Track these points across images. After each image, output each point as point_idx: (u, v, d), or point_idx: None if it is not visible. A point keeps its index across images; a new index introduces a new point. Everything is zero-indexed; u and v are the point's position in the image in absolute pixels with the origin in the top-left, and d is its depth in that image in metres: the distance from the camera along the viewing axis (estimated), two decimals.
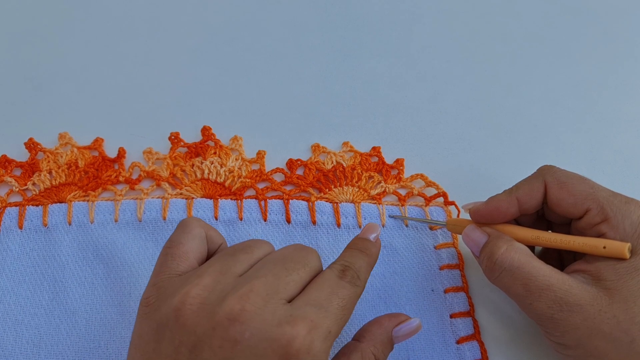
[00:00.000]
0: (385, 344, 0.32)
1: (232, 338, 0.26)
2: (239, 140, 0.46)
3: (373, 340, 0.32)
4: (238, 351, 0.26)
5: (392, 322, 0.33)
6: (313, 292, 0.29)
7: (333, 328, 0.28)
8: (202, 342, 0.26)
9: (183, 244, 0.31)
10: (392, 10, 0.55)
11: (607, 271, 0.32)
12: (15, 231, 0.41)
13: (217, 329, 0.26)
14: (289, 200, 0.43)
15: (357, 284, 0.30)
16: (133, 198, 0.42)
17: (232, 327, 0.26)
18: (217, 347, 0.26)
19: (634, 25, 0.54)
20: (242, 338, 0.26)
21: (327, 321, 0.28)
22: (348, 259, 0.32)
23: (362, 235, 0.35)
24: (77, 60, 0.50)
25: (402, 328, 0.33)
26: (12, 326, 0.37)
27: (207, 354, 0.26)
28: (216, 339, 0.26)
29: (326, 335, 0.27)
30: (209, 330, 0.26)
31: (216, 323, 0.26)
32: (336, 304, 0.29)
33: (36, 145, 0.45)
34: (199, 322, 0.27)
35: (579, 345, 0.31)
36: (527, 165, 0.38)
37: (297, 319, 0.27)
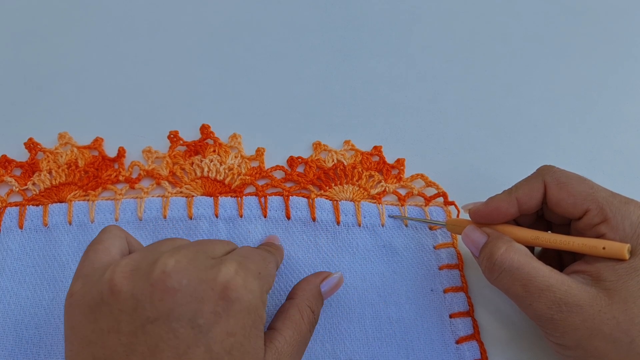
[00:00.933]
0: (317, 298, 0.35)
1: (171, 288, 0.27)
2: (238, 138, 0.46)
3: (306, 295, 0.35)
4: (179, 298, 0.27)
5: (319, 278, 0.37)
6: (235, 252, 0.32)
7: (262, 271, 0.31)
8: (141, 302, 0.27)
9: (104, 241, 0.32)
10: (392, 10, 0.55)
11: (606, 272, 0.32)
12: (15, 231, 0.41)
13: (155, 285, 0.27)
14: (289, 196, 0.43)
15: (271, 252, 0.35)
16: (133, 197, 0.42)
17: (169, 279, 0.27)
18: (158, 300, 0.27)
19: (634, 25, 0.54)
20: (181, 286, 0.27)
21: (253, 265, 0.30)
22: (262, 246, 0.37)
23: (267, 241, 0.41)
24: (77, 60, 0.50)
25: (328, 282, 0.37)
26: (12, 326, 0.38)
27: (149, 311, 0.27)
28: (156, 294, 0.27)
29: (256, 274, 0.30)
30: (147, 289, 0.27)
31: (153, 280, 0.27)
32: (257, 256, 0.32)
33: (36, 145, 0.45)
34: (134, 285, 0.27)
35: (579, 346, 0.31)
36: (527, 165, 0.38)
37: (225, 261, 0.29)
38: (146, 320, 0.27)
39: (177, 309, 0.27)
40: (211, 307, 0.27)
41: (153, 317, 0.27)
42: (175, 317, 0.27)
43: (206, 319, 0.27)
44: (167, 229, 0.41)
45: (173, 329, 0.27)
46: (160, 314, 0.27)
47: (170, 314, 0.27)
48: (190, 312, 0.27)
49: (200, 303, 0.27)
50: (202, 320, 0.27)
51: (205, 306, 0.27)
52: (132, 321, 0.27)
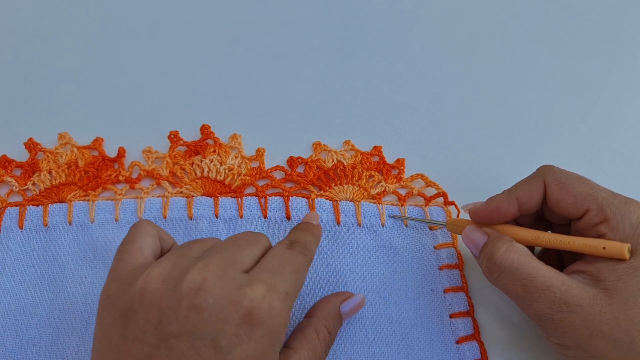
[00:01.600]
0: (335, 319, 0.35)
1: (197, 306, 0.27)
2: (238, 139, 0.46)
3: (324, 315, 0.34)
4: (204, 318, 0.27)
5: (339, 298, 0.36)
6: (267, 262, 0.31)
7: (289, 290, 0.30)
8: (167, 315, 0.27)
9: (137, 240, 0.32)
10: (392, 10, 0.55)
11: (606, 272, 0.32)
12: (15, 231, 0.41)
13: (182, 300, 0.27)
14: (289, 197, 0.43)
15: (305, 253, 0.33)
16: (133, 197, 0.42)
17: (196, 296, 0.27)
18: (183, 317, 0.27)
19: (634, 25, 0.54)
20: (207, 305, 0.27)
21: (282, 284, 0.30)
22: (294, 235, 0.35)
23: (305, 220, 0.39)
24: (77, 60, 0.50)
25: (349, 303, 0.36)
26: (12, 326, 0.38)
27: (173, 326, 0.27)
28: (182, 310, 0.27)
29: (284, 296, 0.29)
30: (174, 303, 0.27)
31: (180, 295, 0.27)
32: (288, 269, 0.31)
33: (36, 145, 0.45)
34: (163, 297, 0.28)
35: (579, 346, 0.31)
36: (527, 165, 0.38)
37: (255, 282, 0.29)
38: (170, 334, 0.27)
39: (201, 327, 0.27)
40: (234, 329, 0.27)
41: (177, 333, 0.27)
42: (199, 335, 0.27)
43: (228, 340, 0.27)
44: (167, 229, 0.41)
45: (195, 346, 0.27)
46: (184, 330, 0.27)
47: (194, 331, 0.27)
48: (213, 332, 0.27)
49: (224, 324, 0.27)
50: (224, 342, 0.27)
51: (229, 327, 0.27)
52: (157, 333, 0.27)
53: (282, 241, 0.34)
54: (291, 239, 0.34)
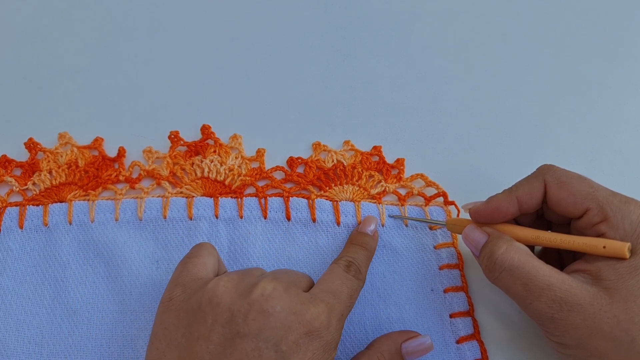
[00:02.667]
0: (393, 355, 0.35)
1: (265, 311, 0.30)
2: (238, 139, 0.46)
3: (380, 348, 0.35)
4: (270, 322, 0.29)
5: (402, 336, 0.36)
6: (326, 283, 0.34)
7: (345, 312, 0.33)
8: (236, 317, 0.29)
9: (202, 256, 0.34)
10: (392, 10, 0.55)
11: (607, 271, 0.32)
12: (15, 231, 0.41)
13: (253, 304, 0.30)
14: (289, 197, 0.43)
15: (359, 277, 0.35)
16: (133, 197, 0.42)
17: (265, 303, 0.30)
18: (252, 319, 0.29)
19: (634, 25, 0.54)
20: (274, 311, 0.30)
21: (340, 306, 0.32)
22: (351, 255, 0.37)
23: (362, 229, 0.41)
24: (77, 60, 0.50)
25: (412, 343, 0.35)
26: (13, 326, 0.38)
27: (241, 326, 0.29)
28: (251, 313, 0.29)
29: (340, 317, 0.32)
30: (244, 307, 0.30)
31: (252, 300, 0.30)
32: (346, 293, 0.33)
33: (36, 145, 0.45)
34: (233, 301, 0.30)
35: (579, 345, 0.31)
36: (527, 165, 0.38)
37: (317, 300, 0.31)
38: (237, 334, 0.29)
39: (267, 331, 0.29)
40: (295, 338, 0.30)
41: (243, 333, 0.29)
42: (264, 337, 0.29)
43: (288, 347, 0.29)
44: (167, 230, 0.41)
45: (259, 347, 0.29)
46: (250, 332, 0.29)
47: (259, 333, 0.29)
48: (277, 337, 0.29)
49: (287, 331, 0.30)
50: (285, 347, 0.29)
51: (291, 335, 0.30)
52: (224, 333, 0.29)
53: (339, 261, 0.36)
54: (348, 259, 0.36)
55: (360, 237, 0.40)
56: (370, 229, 0.40)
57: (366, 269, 0.37)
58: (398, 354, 0.35)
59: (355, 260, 0.36)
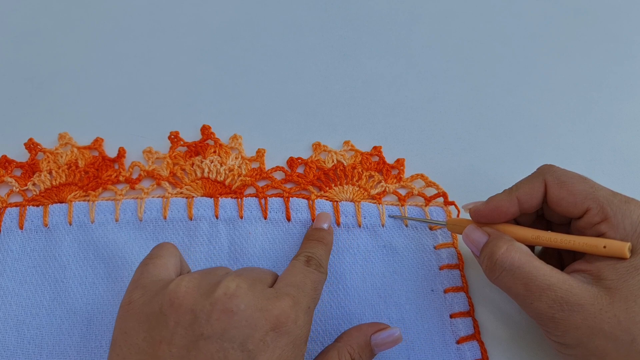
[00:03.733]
0: (363, 347, 0.34)
1: (229, 310, 0.29)
2: (238, 139, 0.46)
3: (350, 341, 0.34)
4: (235, 321, 0.28)
5: (372, 328, 0.35)
6: (289, 278, 0.33)
7: (311, 305, 0.32)
8: (199, 318, 0.28)
9: (163, 257, 0.33)
10: (392, 10, 0.55)
11: (607, 270, 0.32)
12: (15, 231, 0.41)
13: (216, 304, 0.29)
14: (289, 198, 0.43)
15: (321, 270, 0.35)
16: (133, 197, 0.42)
17: (229, 301, 0.29)
18: (215, 319, 0.28)
19: (634, 25, 0.54)
20: (239, 309, 0.29)
21: (305, 298, 0.32)
22: (309, 250, 0.37)
23: (316, 225, 0.41)
24: (77, 60, 0.50)
25: (381, 335, 0.35)
26: (13, 326, 0.37)
27: (205, 327, 0.28)
28: (215, 313, 0.28)
29: (306, 309, 0.31)
30: (207, 307, 0.29)
31: (214, 299, 0.29)
32: (309, 285, 0.33)
33: (36, 146, 0.45)
34: (196, 301, 0.29)
35: (580, 345, 0.31)
36: (527, 165, 0.38)
37: (282, 294, 0.31)
38: (200, 336, 0.28)
39: (231, 330, 0.28)
40: (261, 335, 0.29)
41: (207, 334, 0.28)
42: (228, 337, 0.28)
43: (255, 345, 0.28)
44: (167, 230, 0.41)
45: (224, 348, 0.28)
46: (214, 332, 0.28)
47: (224, 333, 0.28)
48: (242, 336, 0.28)
49: (253, 329, 0.29)
50: (252, 346, 0.28)
51: (257, 333, 0.29)
52: (187, 335, 0.28)
53: (298, 257, 0.36)
54: (307, 254, 0.36)
55: (316, 232, 0.40)
56: (325, 224, 0.41)
57: (326, 262, 0.38)
58: (367, 346, 0.34)
59: (314, 255, 0.36)
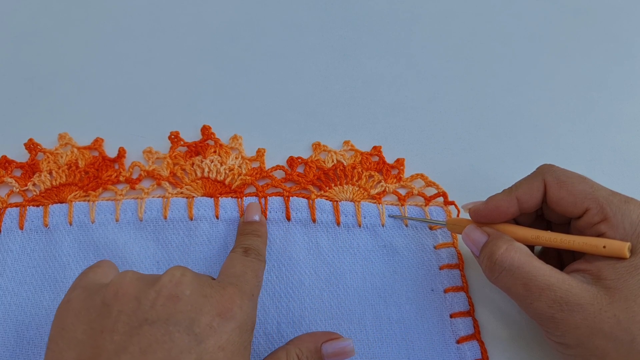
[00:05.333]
0: (312, 353, 0.34)
1: (174, 295, 0.29)
2: (238, 139, 0.46)
3: (300, 344, 0.34)
4: (180, 306, 0.29)
5: (324, 336, 0.35)
6: (228, 269, 0.34)
7: (254, 292, 0.33)
8: (143, 305, 0.29)
9: (102, 267, 0.33)
10: (392, 10, 0.55)
11: (607, 270, 0.32)
12: (16, 232, 0.41)
13: (161, 291, 0.29)
14: (289, 197, 0.43)
15: (260, 259, 0.36)
16: (134, 198, 0.42)
17: (174, 288, 0.30)
18: (160, 305, 0.29)
19: (634, 25, 0.54)
20: (184, 295, 0.29)
21: (248, 286, 0.32)
22: (244, 242, 0.38)
23: (247, 218, 0.41)
24: (77, 60, 0.50)
25: (332, 344, 0.34)
26: (13, 327, 0.37)
27: (149, 314, 0.28)
28: (160, 299, 0.29)
29: (250, 296, 0.32)
30: (151, 294, 0.29)
31: (160, 286, 0.30)
32: (250, 273, 0.34)
33: (36, 146, 0.45)
34: (140, 290, 0.29)
35: (580, 345, 0.31)
36: (527, 165, 0.38)
37: (226, 285, 0.31)
38: (144, 321, 0.28)
39: (177, 315, 0.28)
40: (208, 320, 0.29)
41: (151, 319, 0.28)
42: (174, 321, 0.28)
43: (202, 329, 0.28)
44: (168, 230, 0.41)
45: (169, 332, 0.28)
46: (159, 317, 0.28)
47: (169, 318, 0.28)
48: (188, 320, 0.28)
49: (199, 314, 0.29)
50: (198, 330, 0.28)
51: (203, 318, 0.29)
52: (130, 322, 0.28)
53: (235, 249, 0.37)
54: (243, 246, 0.37)
55: (247, 226, 0.40)
56: (257, 216, 0.41)
57: (264, 251, 0.38)
58: (317, 352, 0.34)
59: (251, 245, 0.37)
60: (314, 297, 0.39)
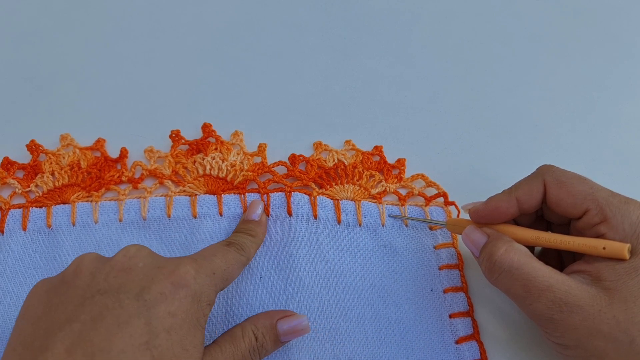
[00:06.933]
0: (268, 329, 0.34)
1: (127, 267, 0.30)
2: (239, 135, 0.46)
3: (255, 321, 0.35)
4: (132, 276, 0.30)
5: (279, 314, 0.36)
6: (200, 252, 0.34)
7: (217, 271, 0.33)
8: (97, 278, 0.30)
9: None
10: (392, 10, 0.55)
11: (606, 271, 0.32)
12: (18, 233, 0.41)
13: (115, 264, 0.30)
14: (290, 192, 0.43)
15: (241, 253, 0.36)
16: (136, 197, 0.43)
17: (128, 261, 0.30)
18: (113, 277, 0.30)
19: (634, 25, 0.54)
20: (137, 267, 0.30)
21: (210, 265, 0.32)
22: (234, 238, 0.38)
23: (247, 217, 0.41)
24: (78, 60, 0.50)
25: (287, 321, 0.35)
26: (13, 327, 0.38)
27: (101, 285, 0.29)
28: (113, 271, 0.30)
29: (210, 273, 0.32)
30: (106, 269, 0.30)
31: (114, 261, 0.31)
32: (219, 257, 0.34)
33: (38, 147, 0.45)
34: (96, 266, 0.30)
35: (579, 346, 0.31)
36: (527, 165, 0.38)
37: (184, 259, 0.32)
38: (96, 292, 0.29)
39: (128, 284, 0.29)
40: (159, 288, 0.29)
41: (103, 290, 0.29)
42: (125, 290, 0.29)
43: (152, 296, 0.29)
44: (172, 228, 0.41)
45: (119, 299, 0.28)
46: (111, 287, 0.29)
47: (120, 287, 0.29)
48: (139, 287, 0.29)
49: (151, 282, 0.30)
50: (149, 296, 0.29)
51: (154, 285, 0.29)
52: (83, 294, 0.29)
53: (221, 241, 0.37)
54: (230, 240, 0.37)
55: (244, 225, 0.40)
56: (257, 213, 0.40)
57: (252, 249, 0.38)
58: (273, 329, 0.34)
59: (238, 241, 0.37)
60: (313, 295, 0.39)
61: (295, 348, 0.37)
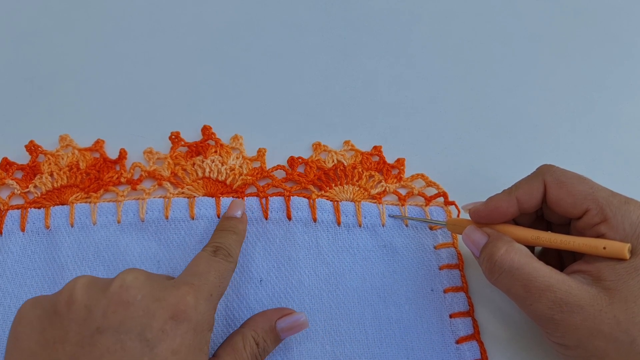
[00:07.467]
0: (268, 332, 0.34)
1: (124, 301, 0.29)
2: (239, 139, 0.46)
3: (254, 326, 0.34)
4: (131, 312, 0.28)
5: (277, 314, 0.36)
6: (192, 268, 0.33)
7: (214, 292, 0.32)
8: (94, 313, 0.28)
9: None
10: (392, 10, 0.55)
11: (607, 271, 0.32)
12: (17, 234, 0.41)
13: (112, 297, 0.29)
14: (289, 197, 0.43)
15: (229, 260, 0.35)
16: (135, 198, 0.43)
17: (124, 293, 0.29)
18: (111, 312, 0.28)
19: (634, 25, 0.54)
20: (135, 300, 0.29)
21: (206, 286, 0.32)
22: (218, 240, 0.37)
23: (228, 214, 0.40)
24: (77, 61, 0.50)
25: (285, 319, 0.35)
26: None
27: (100, 322, 0.28)
28: (110, 306, 0.28)
29: (208, 297, 0.31)
30: (102, 301, 0.29)
31: (110, 293, 0.29)
32: (213, 274, 0.33)
33: (37, 148, 0.45)
34: (90, 296, 0.29)
35: (579, 346, 0.31)
36: (527, 165, 0.38)
37: (181, 284, 0.31)
38: (95, 330, 0.28)
39: (128, 322, 0.28)
40: (160, 325, 0.29)
41: (103, 328, 0.28)
42: (125, 329, 0.28)
43: (154, 334, 0.28)
44: (169, 230, 0.41)
45: (121, 340, 0.28)
46: (110, 325, 0.28)
47: (120, 325, 0.28)
48: (140, 326, 0.28)
49: (151, 319, 0.29)
50: (150, 335, 0.28)
51: (155, 322, 0.29)
52: (81, 331, 0.28)
53: (206, 248, 0.36)
54: (215, 244, 0.36)
55: (226, 222, 0.39)
56: (238, 213, 0.40)
57: (236, 251, 0.37)
58: (272, 331, 0.35)
59: (223, 244, 0.36)
60: (314, 297, 0.39)
61: (296, 350, 0.37)
